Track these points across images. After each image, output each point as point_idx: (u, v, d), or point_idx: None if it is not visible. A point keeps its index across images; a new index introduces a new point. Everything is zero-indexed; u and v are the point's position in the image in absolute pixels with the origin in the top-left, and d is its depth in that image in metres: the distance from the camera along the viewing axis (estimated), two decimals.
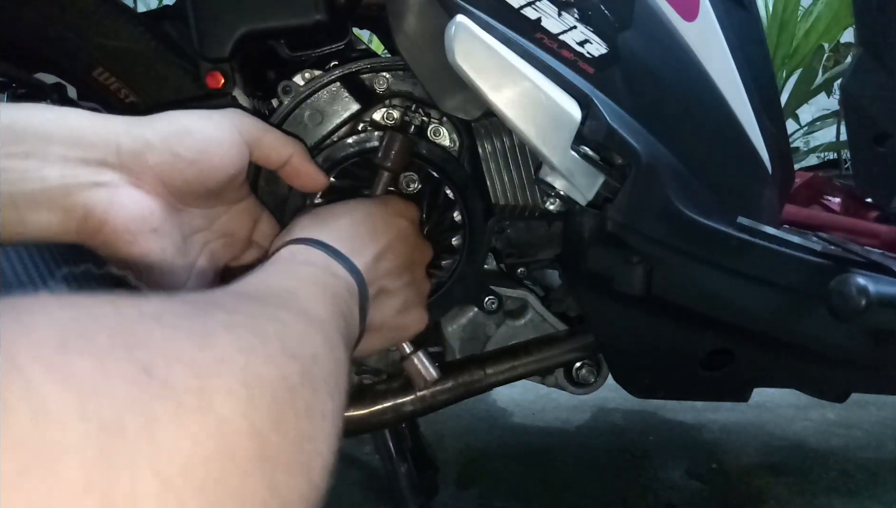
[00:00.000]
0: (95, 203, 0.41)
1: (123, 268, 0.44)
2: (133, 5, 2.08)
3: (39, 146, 0.39)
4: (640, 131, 0.66)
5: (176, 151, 0.45)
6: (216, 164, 0.48)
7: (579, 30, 0.64)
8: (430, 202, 0.75)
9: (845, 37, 2.35)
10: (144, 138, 0.44)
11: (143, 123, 0.45)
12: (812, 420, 1.42)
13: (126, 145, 0.43)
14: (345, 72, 0.73)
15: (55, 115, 0.41)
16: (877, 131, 0.90)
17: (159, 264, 0.44)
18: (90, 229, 0.41)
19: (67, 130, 0.41)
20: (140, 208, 0.43)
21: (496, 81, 0.61)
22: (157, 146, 0.44)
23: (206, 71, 0.70)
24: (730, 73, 0.71)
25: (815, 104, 2.46)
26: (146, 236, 0.43)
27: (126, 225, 0.42)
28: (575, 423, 1.43)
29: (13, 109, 0.40)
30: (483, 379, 0.82)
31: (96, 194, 0.41)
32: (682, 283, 0.72)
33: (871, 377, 0.86)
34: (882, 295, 0.65)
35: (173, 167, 0.45)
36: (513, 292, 0.83)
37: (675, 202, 0.67)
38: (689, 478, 1.20)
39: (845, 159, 2.21)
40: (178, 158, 0.45)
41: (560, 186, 0.66)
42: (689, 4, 0.69)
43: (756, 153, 0.74)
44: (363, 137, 0.73)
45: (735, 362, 0.80)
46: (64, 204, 0.40)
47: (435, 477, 1.02)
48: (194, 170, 0.46)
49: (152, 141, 0.44)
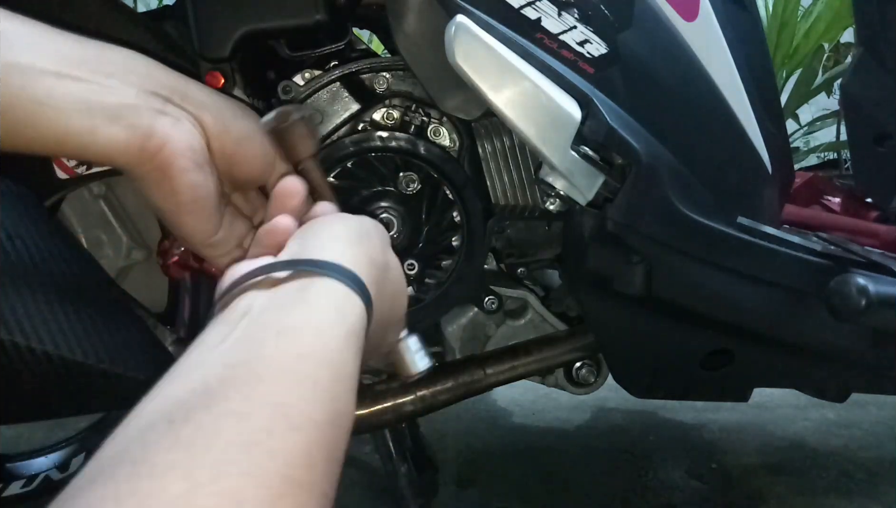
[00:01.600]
0: (161, 126, 0.44)
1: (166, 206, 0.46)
2: (133, 5, 2.08)
3: (121, 71, 0.44)
4: (640, 131, 0.66)
5: (227, 126, 0.48)
6: (250, 159, 0.50)
7: (579, 30, 0.64)
8: (430, 202, 0.75)
9: (845, 37, 2.35)
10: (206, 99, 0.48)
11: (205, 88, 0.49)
12: (812, 420, 1.42)
13: (192, 95, 0.47)
14: (345, 72, 0.73)
15: (134, 54, 0.46)
16: (877, 131, 0.90)
17: (203, 201, 0.47)
18: (151, 148, 0.44)
19: (145, 67, 0.45)
20: (197, 141, 0.46)
21: (496, 81, 0.61)
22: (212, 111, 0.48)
23: (206, 71, 0.71)
24: (730, 73, 0.71)
25: (815, 104, 2.46)
26: (200, 167, 0.46)
27: (183, 151, 0.45)
28: (575, 423, 1.43)
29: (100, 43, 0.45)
30: (483, 379, 0.82)
31: (162, 119, 0.44)
32: (682, 283, 0.72)
33: (871, 377, 0.86)
34: (882, 295, 0.65)
35: (219, 138, 0.48)
36: (513, 292, 0.83)
37: (675, 202, 0.67)
38: (689, 478, 1.20)
39: (845, 159, 2.21)
40: (225, 132, 0.48)
41: (560, 187, 0.66)
42: (689, 4, 0.69)
43: (756, 153, 0.74)
44: (364, 136, 0.73)
45: (735, 362, 0.80)
46: (133, 122, 0.43)
47: (435, 477, 1.02)
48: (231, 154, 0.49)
49: (209, 105, 0.48)
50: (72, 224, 0.85)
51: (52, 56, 0.42)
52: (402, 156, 0.73)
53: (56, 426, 1.10)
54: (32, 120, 0.41)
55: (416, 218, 0.74)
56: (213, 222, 0.49)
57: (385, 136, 0.72)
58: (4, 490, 0.86)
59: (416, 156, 0.73)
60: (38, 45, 0.42)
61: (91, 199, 0.85)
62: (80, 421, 0.97)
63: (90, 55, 0.44)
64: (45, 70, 0.41)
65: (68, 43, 0.43)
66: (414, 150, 0.73)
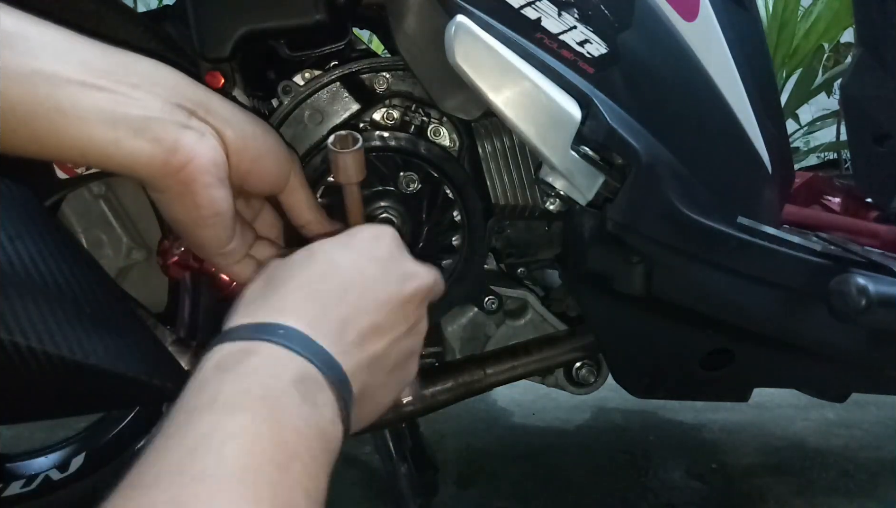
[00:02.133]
0: (186, 141, 0.44)
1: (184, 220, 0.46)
2: (133, 5, 2.08)
3: (147, 83, 0.43)
4: (640, 131, 0.66)
5: (246, 144, 0.48)
6: (264, 176, 0.51)
7: (579, 30, 0.64)
8: (430, 202, 0.75)
9: (845, 37, 2.35)
10: (228, 115, 0.48)
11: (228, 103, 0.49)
12: (812, 420, 1.42)
13: (216, 109, 0.47)
14: (345, 72, 0.73)
15: (160, 65, 0.46)
16: (877, 131, 0.90)
17: (223, 216, 0.47)
18: (176, 163, 0.43)
19: (171, 79, 0.45)
20: (220, 156, 0.46)
21: (496, 81, 0.61)
22: (234, 127, 0.48)
23: (206, 71, 0.71)
24: (730, 73, 0.71)
25: (815, 104, 2.45)
26: (222, 182, 0.46)
27: (208, 167, 0.45)
28: (575, 423, 1.43)
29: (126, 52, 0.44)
30: (483, 379, 0.82)
31: (187, 133, 0.44)
32: (682, 283, 0.72)
33: (871, 377, 0.86)
34: (882, 295, 0.65)
35: (238, 154, 0.48)
36: (513, 292, 0.83)
37: (675, 202, 0.67)
38: (689, 478, 1.20)
39: (845, 159, 2.21)
40: (244, 149, 0.48)
41: (560, 187, 0.66)
42: (689, 4, 0.69)
43: (756, 153, 0.74)
44: (364, 135, 0.73)
45: (735, 362, 0.80)
46: (158, 135, 0.43)
47: (435, 477, 1.02)
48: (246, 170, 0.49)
49: (232, 121, 0.48)
50: (72, 224, 0.85)
51: (77, 65, 0.41)
52: (402, 155, 0.73)
53: (56, 426, 1.10)
54: (55, 129, 0.41)
55: (417, 218, 0.74)
56: (227, 234, 0.49)
57: (385, 135, 0.72)
58: (4, 490, 0.86)
59: (416, 155, 0.73)
60: (64, 52, 0.42)
61: (91, 199, 0.85)
62: (80, 421, 0.97)
63: (116, 65, 0.43)
64: (70, 79, 0.41)
65: (94, 51, 0.43)
66: (414, 149, 0.73)
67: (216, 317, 0.87)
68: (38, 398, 0.54)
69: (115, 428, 0.91)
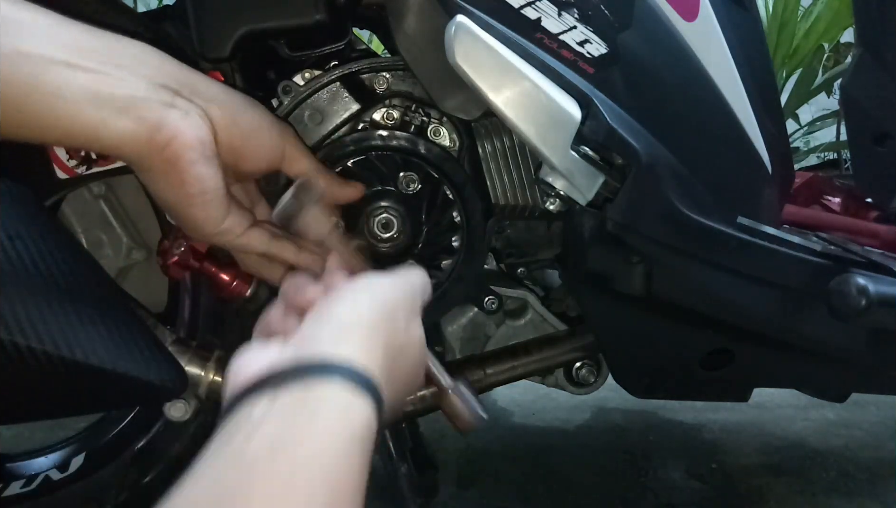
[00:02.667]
0: (170, 119, 0.44)
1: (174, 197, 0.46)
2: (133, 5, 2.08)
3: (132, 63, 0.44)
4: (640, 131, 0.66)
5: (235, 120, 0.49)
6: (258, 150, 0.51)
7: (579, 30, 0.64)
8: (430, 202, 0.75)
9: (845, 37, 2.35)
10: (214, 94, 0.48)
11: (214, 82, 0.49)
12: (812, 420, 1.42)
13: (201, 88, 0.47)
14: (345, 72, 0.73)
15: (145, 46, 0.46)
16: (877, 131, 0.90)
17: (210, 193, 0.47)
18: (160, 141, 0.44)
19: (155, 59, 0.46)
20: (206, 134, 0.46)
21: (496, 81, 0.61)
22: (221, 105, 0.48)
23: (206, 71, 0.70)
24: (730, 73, 0.71)
25: (815, 104, 2.45)
26: (208, 159, 0.46)
27: (193, 144, 0.45)
28: (575, 423, 1.43)
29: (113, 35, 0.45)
30: (483, 379, 0.82)
31: (172, 112, 0.45)
32: (681, 283, 0.72)
33: (871, 377, 0.86)
34: (882, 295, 0.65)
35: (227, 131, 0.48)
36: (513, 292, 0.83)
37: (674, 202, 0.67)
38: (689, 478, 1.20)
39: (845, 159, 2.21)
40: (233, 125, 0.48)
41: (560, 186, 0.66)
42: (689, 4, 0.69)
43: (756, 153, 0.74)
44: (364, 135, 0.73)
45: (735, 362, 0.80)
46: (143, 114, 0.43)
47: (435, 477, 1.01)
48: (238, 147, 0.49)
49: (218, 99, 0.48)
50: (72, 224, 0.85)
51: (62, 46, 0.42)
52: (402, 155, 0.73)
53: (56, 426, 1.10)
54: (41, 110, 0.41)
55: (416, 218, 0.74)
56: (220, 212, 0.49)
57: (385, 135, 0.72)
58: (4, 490, 0.86)
59: (416, 155, 0.73)
60: (50, 34, 0.42)
61: (91, 199, 0.85)
62: (80, 421, 0.97)
63: (101, 46, 0.44)
64: (55, 60, 0.41)
65: (80, 33, 0.43)
66: (414, 149, 0.73)
67: (216, 317, 0.87)
68: (38, 398, 0.54)
69: (115, 428, 0.91)
